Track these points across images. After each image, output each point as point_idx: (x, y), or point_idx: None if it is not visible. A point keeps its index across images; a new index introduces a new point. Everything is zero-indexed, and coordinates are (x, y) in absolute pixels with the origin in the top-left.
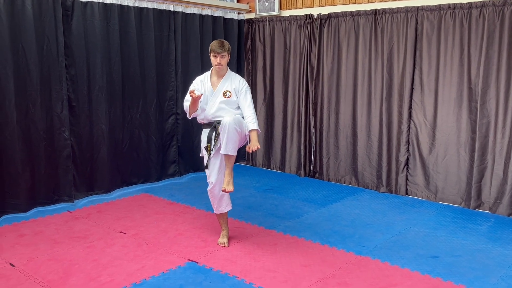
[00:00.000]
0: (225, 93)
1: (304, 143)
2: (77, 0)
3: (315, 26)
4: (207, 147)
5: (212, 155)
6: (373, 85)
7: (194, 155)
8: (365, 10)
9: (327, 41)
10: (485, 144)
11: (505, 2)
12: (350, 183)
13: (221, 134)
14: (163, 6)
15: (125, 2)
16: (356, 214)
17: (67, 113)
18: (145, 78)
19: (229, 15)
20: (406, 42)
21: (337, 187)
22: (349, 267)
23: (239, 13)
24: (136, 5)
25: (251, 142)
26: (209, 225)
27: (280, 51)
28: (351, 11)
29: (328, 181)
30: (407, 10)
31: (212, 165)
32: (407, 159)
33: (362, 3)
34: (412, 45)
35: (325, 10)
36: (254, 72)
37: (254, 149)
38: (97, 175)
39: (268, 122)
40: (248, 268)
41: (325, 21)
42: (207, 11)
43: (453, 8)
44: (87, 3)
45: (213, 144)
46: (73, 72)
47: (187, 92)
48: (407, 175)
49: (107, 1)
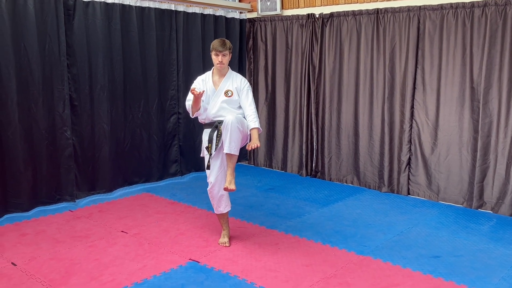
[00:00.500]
0: (226, 92)
1: (305, 142)
2: (79, 0)
3: (317, 25)
4: (208, 147)
5: (213, 155)
6: (375, 84)
7: (196, 154)
8: (367, 10)
9: (329, 41)
10: (487, 143)
11: (507, 2)
12: (352, 183)
13: (223, 134)
14: (164, 6)
15: (126, 2)
16: (358, 214)
17: (69, 112)
18: (146, 77)
19: (231, 14)
20: (408, 42)
21: (339, 186)
22: (350, 267)
23: (241, 12)
24: (138, 4)
25: (252, 140)
26: (210, 224)
27: (282, 51)
28: (353, 11)
29: (330, 180)
30: (409, 9)
31: (212, 165)
32: (409, 158)
33: (364, 2)
34: (414, 44)
35: (327, 10)
36: (256, 71)
37: (253, 146)
38: (99, 174)
39: (270, 122)
40: (249, 268)
41: (327, 20)
42: (208, 11)
43: (455, 7)
44: (89, 2)
45: (214, 144)
46: (75, 72)
47: (189, 92)
48: (409, 175)
49: (109, 0)
